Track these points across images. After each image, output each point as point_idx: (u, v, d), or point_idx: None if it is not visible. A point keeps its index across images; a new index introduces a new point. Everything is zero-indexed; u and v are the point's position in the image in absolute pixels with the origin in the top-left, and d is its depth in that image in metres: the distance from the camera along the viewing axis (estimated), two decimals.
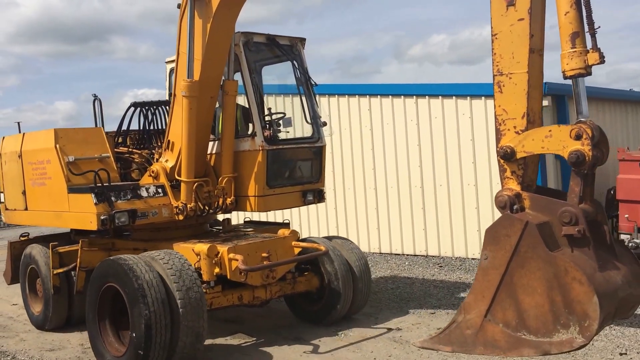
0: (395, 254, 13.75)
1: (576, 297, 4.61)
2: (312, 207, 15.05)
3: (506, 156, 5.14)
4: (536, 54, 5.19)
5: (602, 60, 4.81)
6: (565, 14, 4.86)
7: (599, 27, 4.82)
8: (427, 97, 13.32)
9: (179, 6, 7.89)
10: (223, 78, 8.10)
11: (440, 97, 13.19)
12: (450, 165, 13.10)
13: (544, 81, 10.93)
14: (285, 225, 8.91)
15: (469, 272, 11.67)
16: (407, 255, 13.61)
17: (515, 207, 5.07)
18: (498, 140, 5.28)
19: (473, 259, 12.84)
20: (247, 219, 9.79)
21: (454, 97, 13.00)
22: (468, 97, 12.84)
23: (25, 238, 9.91)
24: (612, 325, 7.75)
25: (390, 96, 13.77)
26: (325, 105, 15.34)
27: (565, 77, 4.96)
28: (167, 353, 6.76)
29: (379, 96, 14.05)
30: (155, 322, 6.59)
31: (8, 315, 10.08)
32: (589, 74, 4.89)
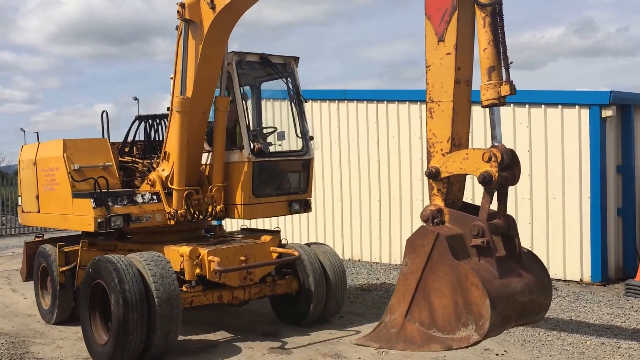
0: None
1: (473, 300, 6.04)
2: (365, 220, 17.29)
3: (432, 175, 6.79)
4: (463, 84, 6.78)
5: (512, 92, 6.39)
6: (484, 50, 6.44)
7: (512, 62, 6.42)
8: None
9: (177, 28, 10.01)
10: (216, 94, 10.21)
11: None
12: None
13: (609, 90, 12.81)
14: (276, 232, 10.81)
15: None
16: None
17: (435, 220, 6.67)
18: (428, 161, 6.92)
19: None
20: (244, 226, 11.92)
21: (511, 105, 14.44)
22: (527, 105, 14.27)
23: (40, 239, 12.48)
24: None
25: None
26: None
27: (483, 106, 6.53)
28: (144, 343, 8.76)
29: None
30: (133, 315, 8.57)
31: (44, 322, 11.84)
32: (503, 104, 6.48)
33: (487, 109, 6.62)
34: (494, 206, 6.63)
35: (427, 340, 6.41)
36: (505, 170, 6.40)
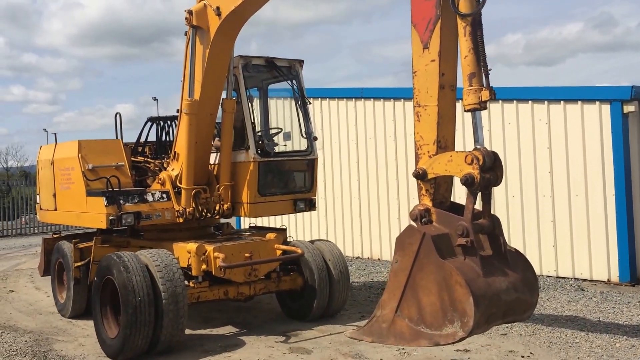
0: None
1: (458, 297, 6.64)
2: (384, 218, 18.17)
3: (419, 176, 7.55)
4: (447, 90, 7.57)
5: (492, 97, 7.14)
6: (464, 57, 7.22)
7: (491, 69, 7.17)
8: (500, 101, 15.45)
9: (186, 34, 11.05)
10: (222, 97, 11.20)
11: (514, 101, 15.33)
12: (524, 174, 15.27)
13: (631, 85, 13.54)
14: (282, 230, 11.84)
15: (544, 291, 13.35)
16: None
17: (423, 220, 7.41)
18: (416, 162, 7.66)
19: (548, 276, 14.77)
20: (252, 224, 13.04)
21: (529, 102, 15.09)
22: (546, 102, 14.88)
23: (57, 235, 13.73)
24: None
25: (460, 101, 16.29)
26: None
27: (465, 111, 7.31)
28: (151, 335, 9.73)
29: None
30: (141, 309, 9.54)
31: (67, 319, 12.76)
32: (484, 108, 7.21)
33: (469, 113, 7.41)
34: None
35: (416, 335, 7.06)
36: (488, 172, 7.09)
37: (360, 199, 19.13)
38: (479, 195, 7.29)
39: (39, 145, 14.09)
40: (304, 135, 12.00)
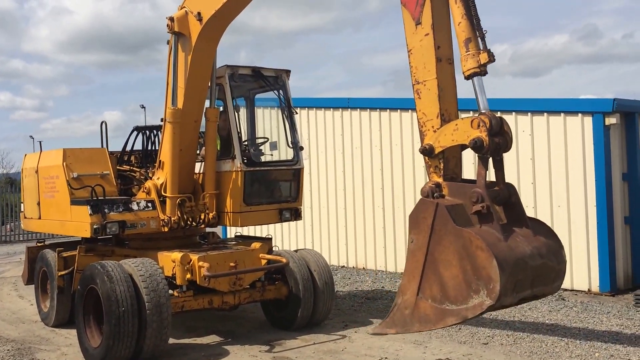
0: None
1: (481, 264, 6.30)
2: (369, 227, 18.12)
3: (426, 152, 7.31)
4: (444, 62, 7.39)
5: (491, 59, 6.95)
6: (458, 24, 7.10)
7: (486, 31, 7.03)
8: None
9: (168, 42, 10.94)
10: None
11: (498, 112, 15.30)
12: None
13: (613, 97, 13.47)
14: (267, 239, 11.77)
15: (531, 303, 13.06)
16: None
17: (435, 195, 7.11)
18: (421, 141, 7.43)
19: None
20: (238, 234, 12.91)
21: (513, 113, 15.01)
22: (529, 113, 14.83)
23: (41, 244, 13.50)
24: None
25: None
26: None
27: (465, 78, 7.07)
28: (134, 345, 9.60)
29: None
30: (124, 318, 9.42)
31: (50, 328, 12.63)
32: (484, 72, 7.02)
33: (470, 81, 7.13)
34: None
35: (442, 315, 6.66)
36: (497, 136, 6.83)
37: (346, 209, 19.05)
38: (491, 163, 7.07)
39: (24, 153, 13.96)
40: (290, 145, 11.89)
